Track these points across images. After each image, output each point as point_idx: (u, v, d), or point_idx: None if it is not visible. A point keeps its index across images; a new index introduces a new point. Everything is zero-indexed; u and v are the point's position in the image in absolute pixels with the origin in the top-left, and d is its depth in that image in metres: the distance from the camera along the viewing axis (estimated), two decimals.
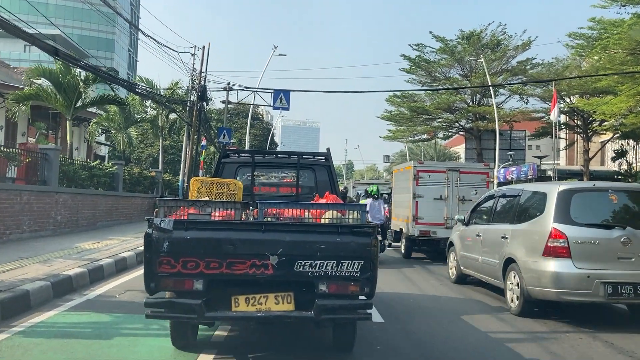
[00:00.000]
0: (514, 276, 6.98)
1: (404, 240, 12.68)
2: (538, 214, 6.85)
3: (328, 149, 6.69)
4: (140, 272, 7.93)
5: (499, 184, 24.38)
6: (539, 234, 6.62)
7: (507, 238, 7.32)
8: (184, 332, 4.57)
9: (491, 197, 8.65)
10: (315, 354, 4.92)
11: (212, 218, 4.18)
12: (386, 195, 15.82)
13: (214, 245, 3.92)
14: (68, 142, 16.30)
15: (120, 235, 12.49)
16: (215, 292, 4.06)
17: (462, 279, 9.17)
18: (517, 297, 6.86)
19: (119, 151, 26.06)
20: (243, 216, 4.45)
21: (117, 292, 7.13)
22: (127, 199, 17.58)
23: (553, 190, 6.74)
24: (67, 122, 16.33)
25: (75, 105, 15.90)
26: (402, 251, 12.78)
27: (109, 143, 28.86)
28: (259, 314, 4.02)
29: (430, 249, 12.58)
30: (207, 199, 4.80)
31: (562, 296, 6.33)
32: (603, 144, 31.40)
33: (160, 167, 27.19)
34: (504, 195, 8.26)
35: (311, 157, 6.80)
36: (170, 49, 23.89)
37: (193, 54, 21.03)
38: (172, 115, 27.00)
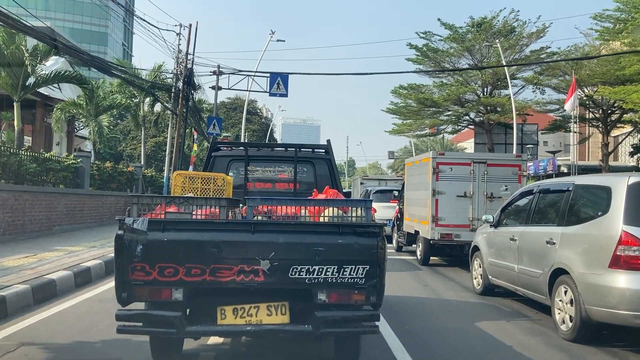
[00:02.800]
0: (566, 292, 5.58)
1: (420, 244, 11.03)
2: (600, 213, 5.38)
3: (328, 141, 6.16)
4: (72, 302, 6.30)
5: None
6: (603, 239, 5.18)
7: (554, 243, 5.87)
8: (166, 346, 4.06)
9: (528, 192, 7.16)
10: None
11: (194, 217, 3.73)
12: (396, 192, 14.24)
13: (196, 249, 3.47)
14: (16, 128, 14.20)
15: (73, 244, 10.25)
16: (198, 302, 3.67)
17: (490, 290, 7.80)
18: (570, 317, 5.47)
19: (103, 147, 23.80)
20: (230, 215, 3.93)
21: (5, 348, 4.59)
22: (96, 197, 15.31)
23: (620, 184, 5.27)
24: (15, 104, 14.27)
25: (25, 83, 13.71)
26: (419, 257, 11.18)
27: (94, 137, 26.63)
28: (249, 328, 3.59)
29: (452, 254, 11.01)
30: (191, 195, 4.28)
31: (638, 320, 4.85)
32: (621, 140, 29.96)
33: (142, 162, 25.44)
34: (546, 191, 6.76)
35: (310, 150, 6.32)
36: (149, 23, 21.96)
37: (178, 34, 19.09)
38: (159, 107, 25.06)
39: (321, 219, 3.84)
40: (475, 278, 8.16)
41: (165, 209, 3.77)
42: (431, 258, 11.08)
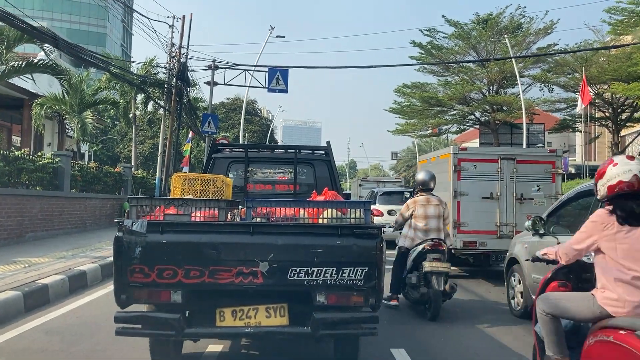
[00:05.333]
0: None
1: None
2: None
3: (328, 142, 6.18)
4: (12, 333, 4.96)
5: None
6: None
7: None
8: (165, 348, 4.06)
9: (587, 194, 5.90)
10: None
11: (193, 219, 3.67)
12: (408, 194, 13.01)
13: (195, 251, 3.45)
14: None
15: (40, 254, 8.85)
16: (197, 304, 3.66)
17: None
18: None
19: (98, 146, 22.50)
20: (229, 216, 3.90)
21: None
22: (79, 200, 13.90)
23: None
24: None
25: None
26: None
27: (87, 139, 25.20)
28: (248, 330, 3.60)
29: (475, 264, 9.76)
30: (190, 197, 4.30)
31: None
32: (633, 139, 28.95)
33: (133, 162, 24.20)
34: None
35: (310, 151, 6.35)
36: (139, 13, 20.69)
37: (171, 26, 17.84)
38: (153, 105, 23.82)
39: (320, 221, 3.78)
40: (514, 297, 6.90)
41: (164, 211, 3.71)
42: (452, 269, 9.85)
